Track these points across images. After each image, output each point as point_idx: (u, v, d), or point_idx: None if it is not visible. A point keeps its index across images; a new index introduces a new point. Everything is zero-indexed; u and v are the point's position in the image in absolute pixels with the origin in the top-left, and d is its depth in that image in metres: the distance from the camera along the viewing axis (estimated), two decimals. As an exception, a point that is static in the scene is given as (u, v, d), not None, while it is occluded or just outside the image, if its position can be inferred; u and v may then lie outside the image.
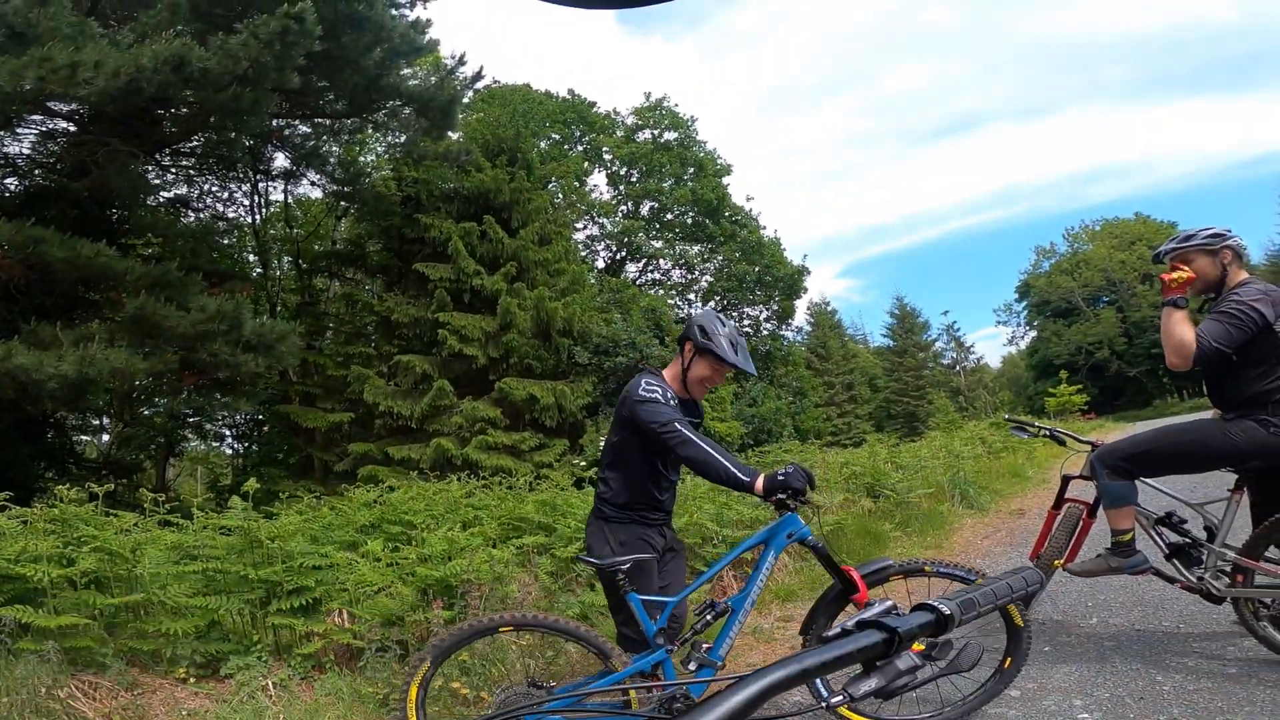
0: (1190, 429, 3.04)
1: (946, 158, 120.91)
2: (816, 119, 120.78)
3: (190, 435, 18.26)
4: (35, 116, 11.61)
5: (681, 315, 27.56)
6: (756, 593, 2.46)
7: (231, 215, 18.20)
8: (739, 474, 2.27)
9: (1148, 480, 3.13)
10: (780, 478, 2.28)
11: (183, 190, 16.08)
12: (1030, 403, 46.63)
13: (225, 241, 17.99)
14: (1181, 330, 2.75)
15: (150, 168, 13.71)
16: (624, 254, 27.27)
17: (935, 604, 0.73)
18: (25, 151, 12.70)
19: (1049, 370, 45.77)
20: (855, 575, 2.47)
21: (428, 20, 13.51)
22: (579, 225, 25.29)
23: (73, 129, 12.10)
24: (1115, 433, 16.94)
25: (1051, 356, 49.74)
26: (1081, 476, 3.36)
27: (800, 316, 36.40)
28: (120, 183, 11.53)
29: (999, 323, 69.04)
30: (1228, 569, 2.88)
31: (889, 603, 0.73)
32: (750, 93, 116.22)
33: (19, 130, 12.03)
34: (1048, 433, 3.90)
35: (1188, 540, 3.02)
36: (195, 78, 9.01)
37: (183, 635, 3.14)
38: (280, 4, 9.34)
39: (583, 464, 12.60)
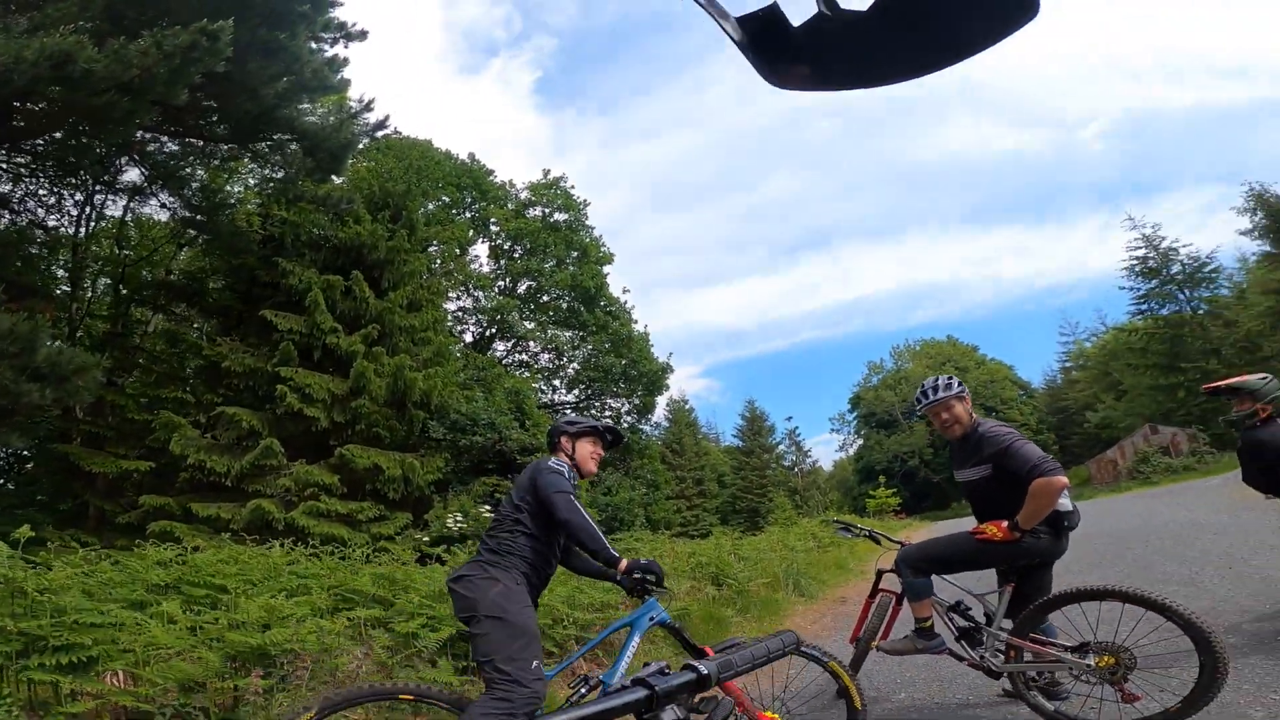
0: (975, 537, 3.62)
1: (805, 269, 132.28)
2: (698, 218, 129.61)
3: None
4: None
5: (545, 400, 27.40)
6: (624, 668, 2.75)
7: (53, 223, 15.73)
8: (610, 550, 2.65)
9: (943, 575, 3.66)
10: (642, 562, 2.74)
11: (6, 188, 13.74)
12: (855, 503, 50.95)
13: (35, 252, 15.42)
14: (1033, 503, 3.19)
15: None
16: (494, 331, 26.97)
17: (696, 665, 0.83)
18: None
19: (871, 475, 50.96)
20: (710, 653, 2.65)
21: (344, 59, 13.09)
22: (453, 295, 24.81)
23: None
24: (921, 531, 19.15)
25: (874, 462, 55.94)
26: (892, 570, 3.82)
27: (660, 412, 37.63)
28: None
29: (833, 430, 75.79)
30: (1002, 648, 3.37)
31: (663, 664, 0.82)
32: (643, 184, 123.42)
33: None
34: (867, 533, 4.40)
35: (972, 624, 3.53)
36: (75, 78, 8.02)
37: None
38: (199, 17, 8.73)
39: (426, 539, 11.68)
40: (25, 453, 15.23)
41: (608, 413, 28.31)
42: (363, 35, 13.42)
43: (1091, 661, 3.06)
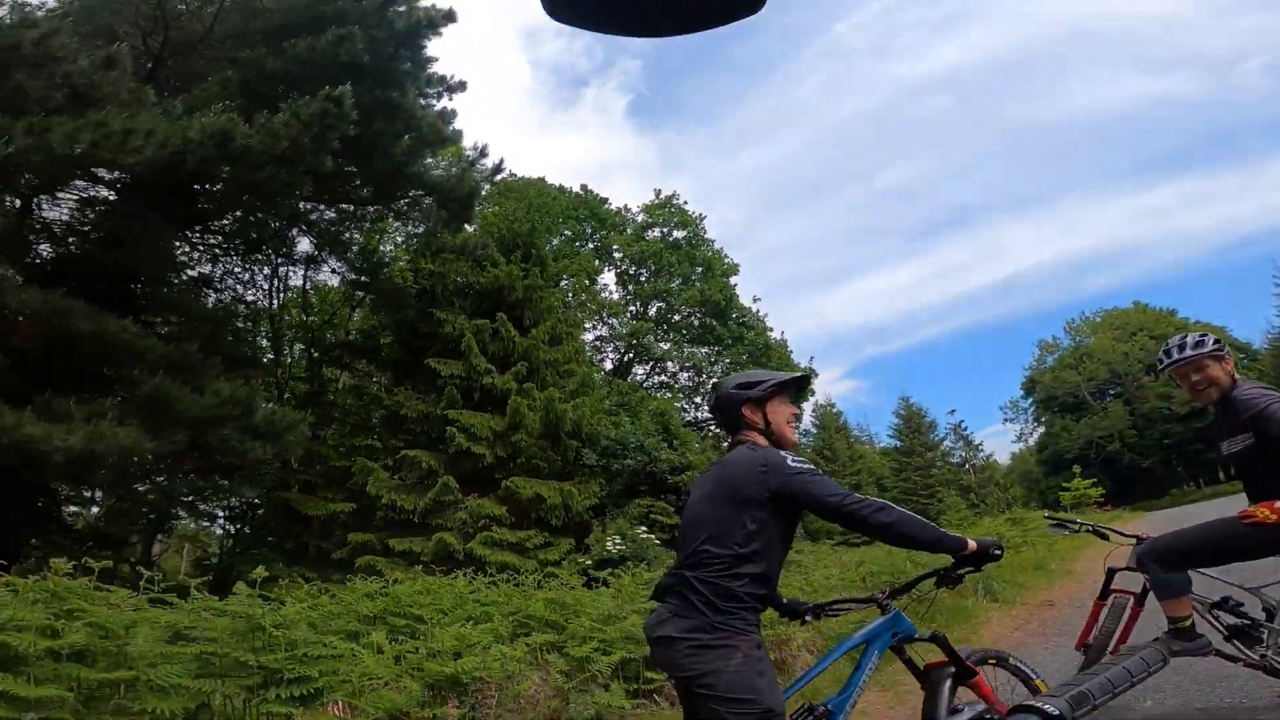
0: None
1: (946, 252, 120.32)
2: (818, 215, 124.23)
3: (183, 514, 17.73)
4: (79, 182, 11.90)
5: (689, 418, 27.44)
6: (857, 695, 2.35)
7: (250, 298, 18.58)
8: (950, 536, 2.21)
9: (1201, 569, 3.26)
10: (989, 540, 2.30)
11: (207, 269, 16.40)
12: (1043, 497, 45.55)
13: (241, 325, 18.27)
14: None
15: (180, 244, 14.05)
16: (632, 356, 27.57)
17: (1040, 705, 0.67)
18: (64, 218, 12.77)
19: (1060, 465, 45.19)
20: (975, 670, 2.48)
21: (453, 111, 14.23)
22: (588, 325, 25.75)
23: (112, 198, 12.36)
24: (1134, 523, 16.59)
25: (1062, 451, 49.42)
26: (1127, 568, 3.51)
27: (807, 419, 36.29)
28: (151, 257, 11.75)
29: (1006, 419, 67.08)
30: None
31: (979, 707, 0.68)
32: (757, 189, 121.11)
33: (60, 195, 12.28)
34: (1090, 528, 3.97)
35: (1247, 621, 3.20)
36: (237, 154, 9.25)
37: (169, 715, 2.89)
38: (321, 86, 9.78)
39: (589, 563, 12.08)
40: (256, 500, 17.87)
41: (753, 424, 27.82)
42: (462, 86, 14.46)
43: None
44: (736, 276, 28.11)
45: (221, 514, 19.18)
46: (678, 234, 27.85)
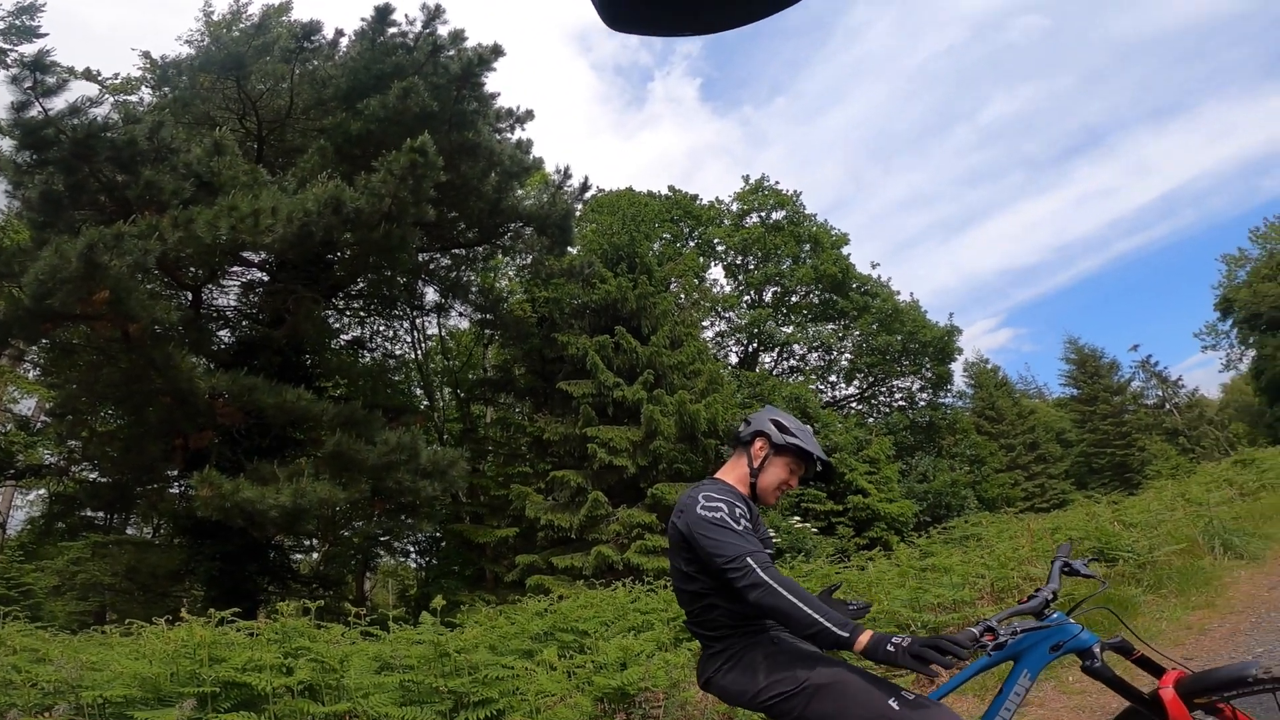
0: None
1: (1083, 178, 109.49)
2: (926, 163, 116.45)
3: (382, 552, 20.01)
4: (235, 269, 13.50)
5: (828, 399, 26.46)
6: None
7: (399, 353, 20.61)
8: (833, 628, 1.74)
9: None
10: (891, 649, 1.68)
11: (357, 332, 18.37)
12: (1270, 431, 38.65)
13: (396, 378, 20.26)
14: None
15: (330, 312, 15.79)
16: (755, 345, 27.12)
17: None
18: (232, 303, 14.96)
19: None
20: (1170, 683, 1.86)
21: (529, 140, 14.80)
22: (706, 323, 25.67)
23: (265, 279, 14.09)
24: None
25: None
26: None
27: (958, 379, 33.66)
28: (308, 328, 13.26)
29: (1205, 347, 57.87)
30: None
31: None
32: (854, 147, 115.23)
33: (224, 283, 14.10)
34: None
35: None
36: (351, 218, 10.06)
37: (383, 744, 3.23)
38: (401, 140, 10.44)
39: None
40: (437, 534, 19.70)
41: (898, 395, 26.28)
42: (530, 115, 15.01)
43: None
44: (848, 246, 27.03)
45: (412, 549, 21.41)
46: (776, 215, 27.29)
